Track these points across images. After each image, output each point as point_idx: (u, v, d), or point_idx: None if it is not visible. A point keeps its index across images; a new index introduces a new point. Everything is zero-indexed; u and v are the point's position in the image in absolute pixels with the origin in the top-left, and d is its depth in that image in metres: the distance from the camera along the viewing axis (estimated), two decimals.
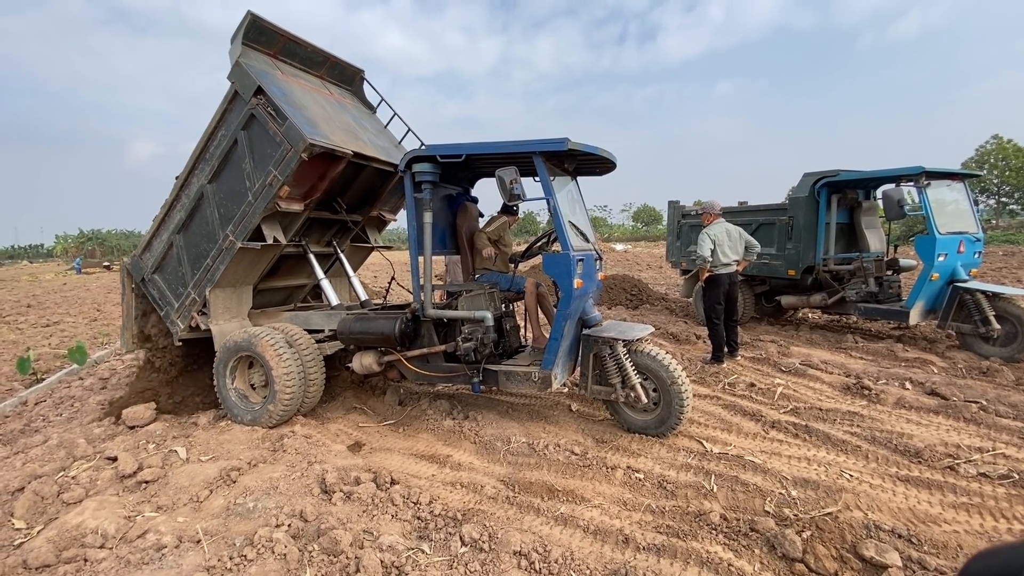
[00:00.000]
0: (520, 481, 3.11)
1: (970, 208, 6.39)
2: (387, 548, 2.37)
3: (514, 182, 3.36)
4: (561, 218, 3.56)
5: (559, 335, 3.64)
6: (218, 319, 4.33)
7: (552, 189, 3.55)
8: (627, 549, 2.43)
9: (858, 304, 6.53)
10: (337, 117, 4.44)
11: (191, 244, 4.30)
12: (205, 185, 4.13)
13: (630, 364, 3.66)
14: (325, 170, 4.14)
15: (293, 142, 3.67)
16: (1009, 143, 34.68)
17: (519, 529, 2.57)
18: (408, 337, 3.98)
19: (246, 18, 3.94)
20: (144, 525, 2.63)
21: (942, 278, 5.96)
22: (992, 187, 36.28)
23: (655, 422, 3.70)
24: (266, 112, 3.78)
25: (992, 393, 4.47)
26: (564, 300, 3.58)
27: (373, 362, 4.16)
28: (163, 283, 4.48)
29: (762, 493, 2.88)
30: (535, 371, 3.72)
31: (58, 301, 14.46)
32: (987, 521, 2.64)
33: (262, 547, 2.37)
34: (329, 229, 5.08)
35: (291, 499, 2.79)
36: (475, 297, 3.99)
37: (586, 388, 3.84)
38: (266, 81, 3.82)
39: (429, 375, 4.08)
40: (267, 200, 3.90)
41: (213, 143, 4.09)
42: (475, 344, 3.71)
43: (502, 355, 4.04)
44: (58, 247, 53.57)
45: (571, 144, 3.41)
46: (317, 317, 4.56)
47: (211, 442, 3.66)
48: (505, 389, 3.95)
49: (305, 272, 5.14)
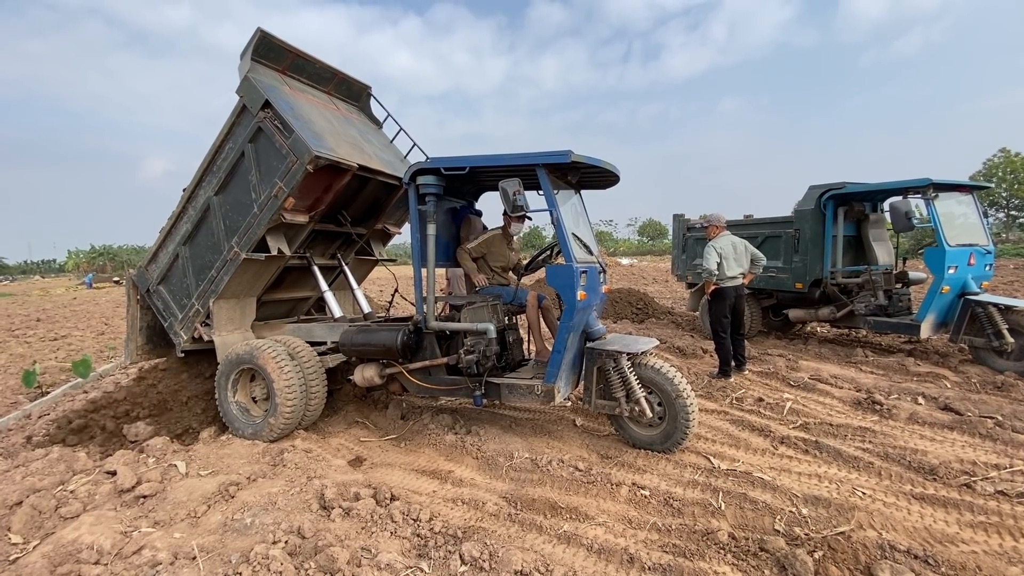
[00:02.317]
0: (522, 498, 3.05)
1: (979, 220, 6.32)
2: (385, 566, 2.31)
3: (517, 193, 3.38)
4: (564, 230, 3.55)
5: (562, 348, 3.61)
6: (221, 330, 4.33)
7: (555, 201, 3.55)
8: (632, 569, 2.35)
9: (868, 317, 6.44)
10: (343, 131, 4.48)
11: (196, 255, 4.33)
12: (211, 197, 4.17)
13: (634, 377, 3.61)
14: (330, 182, 4.18)
15: (299, 154, 3.72)
16: (1017, 156, 34.53)
17: (520, 547, 2.50)
18: (410, 349, 3.96)
19: (256, 34, 4.02)
20: (140, 541, 2.59)
21: (953, 291, 5.86)
22: (1001, 200, 36.03)
23: (661, 437, 3.63)
24: (273, 125, 3.82)
25: (1008, 408, 4.36)
26: (567, 312, 3.55)
27: (375, 374, 4.14)
28: (168, 294, 4.50)
29: (772, 511, 2.80)
30: (538, 384, 3.69)
31: (67, 315, 14.59)
32: (1007, 541, 2.54)
33: (258, 564, 2.32)
34: (334, 242, 5.10)
35: (289, 515, 2.74)
36: (478, 309, 3.97)
37: (590, 402, 3.78)
38: (274, 95, 3.87)
39: (431, 388, 4.05)
40: (272, 212, 3.93)
41: (220, 156, 4.14)
42: (477, 357, 3.69)
43: (505, 368, 4.00)
44: (70, 262, 54.27)
45: (574, 156, 3.44)
46: (319, 329, 4.56)
47: (211, 456, 3.62)
48: (507, 402, 3.90)
49: (309, 284, 5.15)
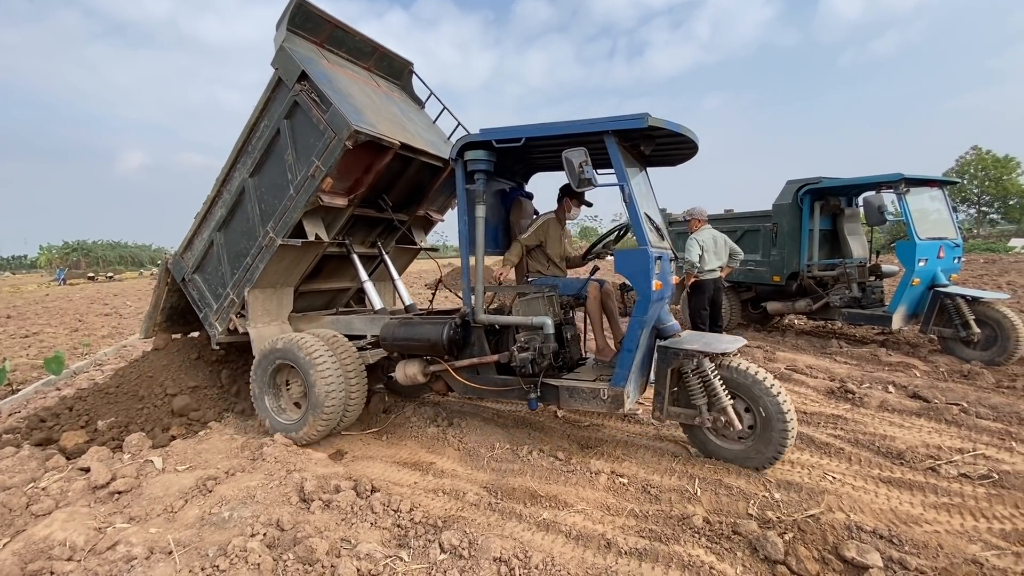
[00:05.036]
0: (503, 487, 3.07)
1: (949, 214, 6.50)
2: (364, 556, 2.32)
3: (584, 165, 2.94)
4: (637, 208, 3.10)
5: (633, 346, 3.15)
6: (257, 322, 4.11)
7: (626, 174, 3.12)
8: (609, 554, 2.39)
9: (842, 309, 6.60)
10: (384, 108, 4.20)
11: (231, 242, 4.13)
12: (246, 179, 3.96)
13: (719, 383, 3.13)
14: (371, 162, 3.88)
15: (337, 129, 3.47)
16: (988, 154, 35.53)
17: (500, 535, 2.52)
18: (457, 345, 3.60)
19: (292, 2, 3.75)
20: (115, 536, 2.55)
21: (923, 283, 6.04)
22: (972, 197, 37.07)
23: (750, 452, 3.14)
24: (310, 98, 3.57)
25: (973, 396, 4.52)
26: (640, 304, 3.12)
27: (418, 372, 3.80)
28: (203, 283, 4.32)
29: (745, 496, 2.87)
30: (604, 388, 3.21)
31: (39, 312, 14.21)
32: (967, 521, 2.65)
33: (235, 557, 2.31)
34: (374, 229, 4.81)
35: (268, 508, 2.73)
36: (532, 301, 3.52)
37: (661, 409, 3.29)
38: (311, 67, 3.61)
39: (479, 388, 3.63)
40: (309, 193, 3.68)
41: (255, 135, 3.92)
42: (533, 355, 3.26)
43: (562, 368, 3.59)
44: (42, 258, 52.83)
45: (652, 120, 2.96)
46: (359, 322, 4.28)
47: (189, 451, 3.58)
48: (567, 407, 3.57)
49: (348, 275, 4.90)
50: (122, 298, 18.02)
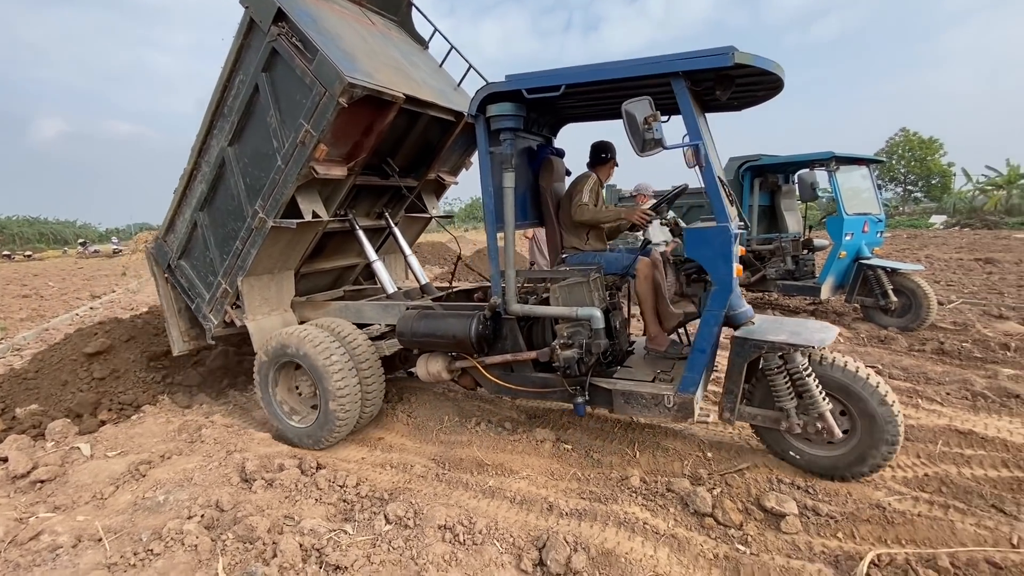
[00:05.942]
0: (450, 459, 3.12)
1: (874, 191, 6.94)
2: (308, 532, 2.31)
3: (651, 120, 2.34)
4: (715, 174, 2.58)
5: (706, 344, 2.63)
6: (255, 313, 3.61)
7: (700, 130, 2.54)
8: (551, 516, 2.49)
9: (777, 281, 6.98)
10: (382, 51, 3.59)
11: (217, 223, 3.60)
12: (225, 148, 3.37)
13: (815, 382, 2.57)
14: (371, 121, 3.29)
15: (327, 83, 2.86)
16: (915, 135, 37.91)
17: (445, 504, 2.57)
18: (487, 340, 3.11)
19: None
20: (38, 526, 2.43)
21: (849, 256, 6.45)
22: (900, 176, 39.61)
23: (849, 460, 2.61)
24: (290, 44, 2.96)
25: (887, 359, 4.92)
26: (718, 295, 2.58)
27: (442, 368, 3.34)
28: (191, 270, 3.81)
29: (681, 457, 3.04)
30: (669, 394, 2.71)
31: None
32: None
33: (171, 540, 2.25)
34: (379, 198, 4.21)
35: (206, 490, 2.66)
36: (575, 287, 2.95)
37: (732, 410, 2.74)
38: (289, 4, 3.00)
39: (514, 388, 3.18)
40: (300, 164, 3.11)
41: (230, 93, 3.30)
42: (579, 352, 2.77)
43: (611, 363, 3.11)
44: None
45: (738, 56, 2.31)
46: (371, 310, 3.78)
47: (120, 436, 3.42)
48: (622, 413, 2.96)
49: (355, 250, 4.34)
50: (43, 278, 16.68)
